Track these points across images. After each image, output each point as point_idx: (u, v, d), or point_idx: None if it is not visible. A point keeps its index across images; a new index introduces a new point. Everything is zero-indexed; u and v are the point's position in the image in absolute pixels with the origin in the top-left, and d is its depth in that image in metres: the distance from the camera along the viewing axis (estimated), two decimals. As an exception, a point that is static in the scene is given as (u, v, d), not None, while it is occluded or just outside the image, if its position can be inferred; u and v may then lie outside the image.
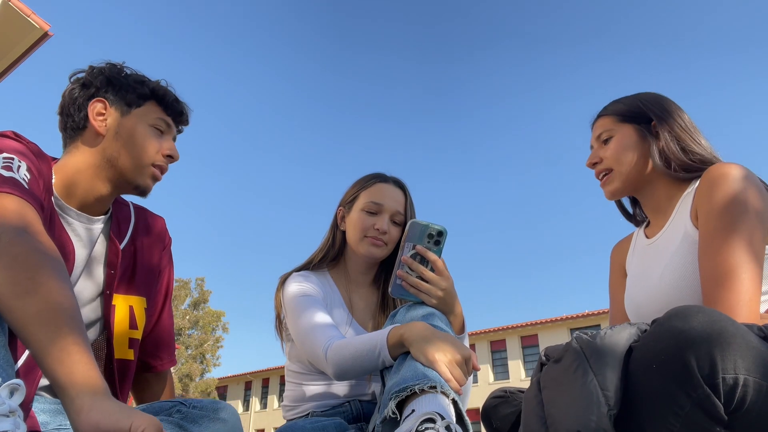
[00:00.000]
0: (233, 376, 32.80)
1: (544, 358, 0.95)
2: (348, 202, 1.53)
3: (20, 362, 0.94)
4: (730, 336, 0.71)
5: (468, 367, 1.04)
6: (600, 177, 1.31)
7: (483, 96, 56.13)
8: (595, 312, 22.89)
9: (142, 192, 1.20)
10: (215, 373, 29.13)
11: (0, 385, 0.66)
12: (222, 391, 33.08)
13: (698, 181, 1.15)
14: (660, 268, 1.17)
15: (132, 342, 1.21)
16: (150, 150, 1.18)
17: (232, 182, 53.98)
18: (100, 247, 1.18)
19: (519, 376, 23.75)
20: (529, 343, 24.65)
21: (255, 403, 31.86)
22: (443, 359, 1.00)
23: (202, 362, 27.76)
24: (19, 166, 0.93)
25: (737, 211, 1.02)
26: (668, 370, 0.74)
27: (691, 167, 1.19)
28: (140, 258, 1.24)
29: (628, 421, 0.81)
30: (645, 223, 1.36)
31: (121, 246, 1.20)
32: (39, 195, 0.95)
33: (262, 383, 32.29)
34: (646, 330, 0.84)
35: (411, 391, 0.94)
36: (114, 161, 1.14)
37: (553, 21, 56.78)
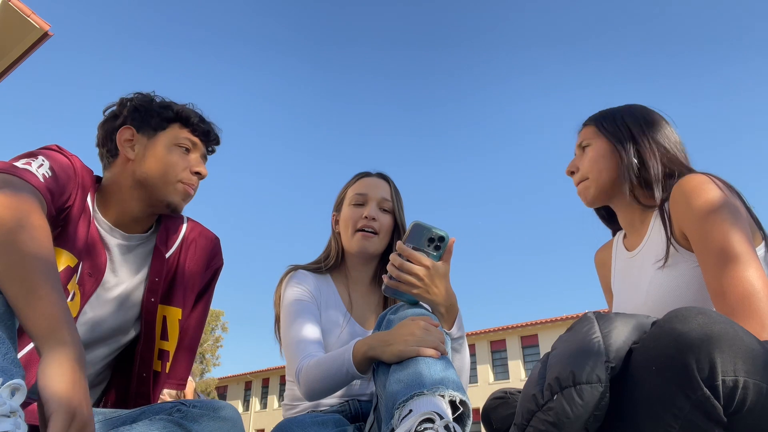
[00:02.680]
0: (233, 376, 32.79)
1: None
2: (338, 204, 1.59)
3: (20, 356, 0.94)
4: (730, 338, 0.71)
5: (434, 326, 1.05)
6: (577, 185, 1.35)
7: (492, 98, 56.18)
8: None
9: (174, 209, 1.23)
10: (215, 373, 29.18)
11: (1, 385, 0.66)
12: (222, 391, 33.07)
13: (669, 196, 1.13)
14: (644, 288, 1.17)
15: (161, 353, 1.21)
16: (176, 167, 1.21)
17: (232, 182, 54.04)
18: (140, 259, 1.21)
19: (519, 376, 23.73)
20: (529, 343, 24.64)
21: (255, 403, 31.85)
22: (412, 344, 1.01)
23: (202, 362, 27.75)
24: (41, 164, 0.98)
25: (729, 218, 1.01)
26: (668, 372, 0.74)
27: (650, 184, 1.20)
28: (182, 270, 1.25)
29: (627, 423, 0.81)
30: (624, 233, 1.36)
31: (167, 255, 1.23)
32: (54, 189, 1.00)
33: (262, 383, 32.29)
34: (655, 322, 0.85)
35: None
36: (144, 182, 1.19)
37: (554, 19, 56.82)
